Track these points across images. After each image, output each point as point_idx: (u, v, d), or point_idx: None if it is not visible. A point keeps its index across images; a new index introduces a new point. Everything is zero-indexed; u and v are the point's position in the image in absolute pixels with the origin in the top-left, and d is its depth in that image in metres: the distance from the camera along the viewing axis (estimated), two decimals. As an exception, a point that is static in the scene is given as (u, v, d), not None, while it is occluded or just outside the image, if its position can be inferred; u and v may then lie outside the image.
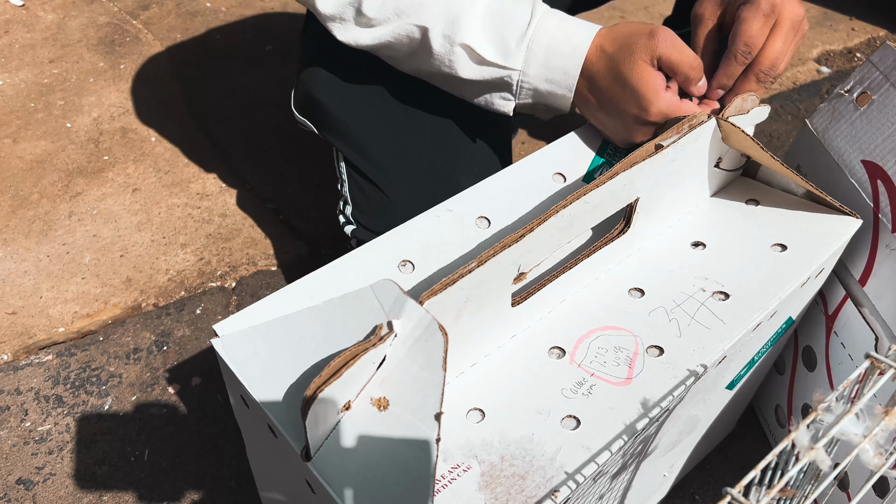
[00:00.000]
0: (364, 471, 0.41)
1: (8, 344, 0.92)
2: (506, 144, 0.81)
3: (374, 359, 0.41)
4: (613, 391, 0.48)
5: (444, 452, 0.44)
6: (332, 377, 0.39)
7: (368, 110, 0.77)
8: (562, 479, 0.43)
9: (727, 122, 0.55)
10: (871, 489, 0.50)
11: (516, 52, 0.62)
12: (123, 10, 1.49)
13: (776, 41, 0.59)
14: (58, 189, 1.12)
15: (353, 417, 0.42)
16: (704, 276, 0.55)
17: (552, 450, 0.44)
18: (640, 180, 0.52)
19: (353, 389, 0.42)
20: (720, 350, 0.50)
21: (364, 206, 0.78)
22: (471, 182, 0.61)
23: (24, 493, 0.79)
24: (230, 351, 0.47)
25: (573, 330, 0.52)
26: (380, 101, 0.77)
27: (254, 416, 0.48)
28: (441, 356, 0.40)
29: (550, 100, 0.64)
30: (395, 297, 0.41)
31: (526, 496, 0.42)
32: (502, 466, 0.43)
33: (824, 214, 0.60)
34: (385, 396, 0.42)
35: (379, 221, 0.77)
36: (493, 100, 0.66)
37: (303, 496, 0.49)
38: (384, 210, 0.77)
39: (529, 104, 0.66)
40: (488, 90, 0.66)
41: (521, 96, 0.65)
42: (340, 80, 0.78)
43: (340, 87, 0.78)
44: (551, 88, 0.63)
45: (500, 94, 0.65)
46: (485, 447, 0.45)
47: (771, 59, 0.59)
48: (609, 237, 0.54)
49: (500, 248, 0.45)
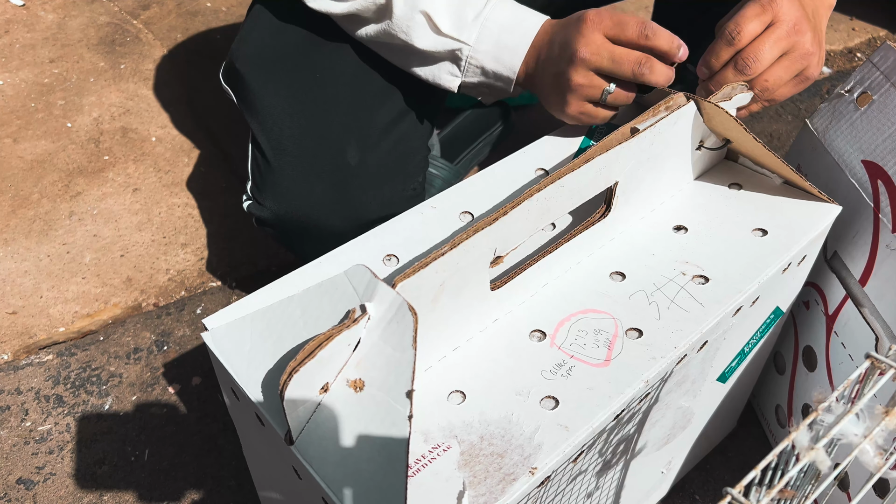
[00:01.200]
0: (344, 451, 0.42)
1: (8, 343, 0.92)
2: (417, 130, 0.80)
3: (348, 340, 0.42)
4: (592, 372, 0.49)
5: (424, 433, 0.45)
6: (306, 359, 0.40)
7: (279, 80, 0.77)
8: (539, 457, 0.44)
9: (710, 104, 0.55)
10: (871, 489, 0.50)
11: (471, 27, 0.64)
12: (124, 10, 1.49)
13: (765, 37, 0.59)
14: (58, 189, 1.13)
15: (332, 400, 0.43)
16: (685, 260, 0.56)
17: (530, 429, 0.45)
18: (618, 164, 0.53)
19: (329, 371, 0.43)
20: (698, 332, 0.51)
21: (257, 178, 0.78)
22: (359, 156, 0.61)
23: (24, 492, 0.79)
24: (219, 344, 0.49)
25: (554, 313, 0.52)
26: (293, 73, 0.76)
27: (244, 407, 0.49)
28: (411, 336, 0.41)
29: (495, 81, 0.66)
30: (367, 282, 0.42)
31: (504, 473, 0.43)
32: (481, 446, 0.44)
33: (805, 201, 0.61)
34: (361, 378, 0.43)
35: (265, 191, 0.76)
36: (441, 75, 0.68)
37: (293, 487, 0.49)
38: (268, 177, 0.76)
39: (474, 84, 0.68)
40: (438, 63, 0.67)
41: (468, 73, 0.67)
42: (263, 52, 0.78)
43: (260, 59, 0.78)
44: (497, 68, 0.65)
45: (449, 69, 0.67)
46: (465, 428, 0.46)
47: (755, 50, 0.59)
48: (590, 221, 0.55)
49: (474, 231, 0.46)
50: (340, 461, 0.42)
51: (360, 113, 0.75)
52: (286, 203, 0.75)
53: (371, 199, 0.75)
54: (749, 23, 0.59)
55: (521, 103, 1.27)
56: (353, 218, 0.74)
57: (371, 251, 0.56)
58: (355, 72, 0.76)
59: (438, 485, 0.42)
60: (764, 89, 0.61)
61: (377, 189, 0.75)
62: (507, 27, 0.64)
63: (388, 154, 0.76)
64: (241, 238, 1.06)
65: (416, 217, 0.58)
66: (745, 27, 0.59)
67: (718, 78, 0.61)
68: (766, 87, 0.61)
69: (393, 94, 0.76)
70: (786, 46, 0.60)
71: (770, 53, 0.59)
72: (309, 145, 0.74)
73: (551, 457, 0.44)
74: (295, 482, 0.47)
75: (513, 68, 0.65)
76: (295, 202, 0.74)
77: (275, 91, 0.76)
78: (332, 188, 0.74)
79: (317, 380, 0.42)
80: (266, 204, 0.76)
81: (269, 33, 0.78)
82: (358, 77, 0.76)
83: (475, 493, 0.42)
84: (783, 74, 0.60)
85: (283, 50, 0.77)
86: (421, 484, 0.42)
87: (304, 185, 0.74)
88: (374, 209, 0.75)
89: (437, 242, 0.56)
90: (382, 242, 0.56)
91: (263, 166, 0.76)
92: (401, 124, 0.77)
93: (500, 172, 0.62)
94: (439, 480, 0.43)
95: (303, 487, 0.46)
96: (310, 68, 0.76)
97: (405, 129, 0.78)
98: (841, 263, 0.66)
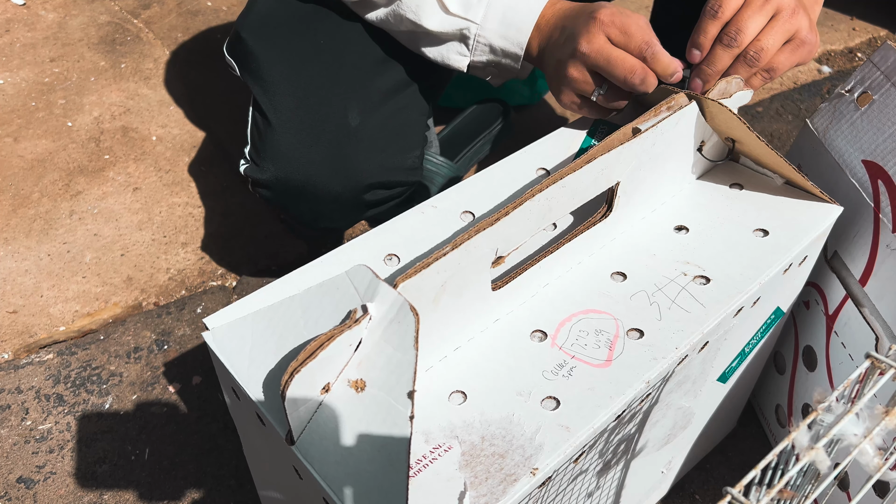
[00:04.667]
0: (345, 452, 0.42)
1: (9, 343, 0.92)
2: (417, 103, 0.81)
3: (349, 341, 0.42)
4: (593, 373, 0.48)
5: (425, 433, 0.45)
6: (307, 359, 0.40)
7: (282, 46, 0.78)
8: (540, 457, 0.44)
9: (714, 102, 0.55)
10: (871, 489, 0.50)
11: (478, 6, 0.66)
12: (124, 10, 1.49)
13: (747, 6, 0.58)
14: (58, 188, 1.13)
15: (333, 401, 0.43)
16: (686, 261, 0.56)
17: (532, 429, 0.45)
18: (619, 164, 0.53)
19: (331, 371, 0.43)
20: (700, 333, 0.51)
21: (256, 140, 0.78)
22: (359, 119, 0.61)
23: (24, 491, 0.79)
24: (220, 343, 0.49)
25: (555, 314, 0.52)
26: (297, 39, 0.77)
27: (245, 407, 0.50)
28: (412, 336, 0.41)
29: (503, 59, 0.68)
30: (368, 282, 0.42)
31: (505, 474, 0.43)
32: (482, 446, 0.45)
33: (806, 201, 0.61)
34: (362, 378, 0.43)
35: (264, 153, 0.76)
36: (450, 55, 0.69)
37: (293, 487, 0.49)
38: (268, 139, 0.76)
39: (483, 63, 0.69)
40: (446, 43, 0.69)
41: (476, 52, 0.68)
42: (268, 20, 0.79)
43: (264, 26, 0.79)
44: (504, 45, 0.67)
45: (458, 47, 0.68)
46: (466, 428, 0.46)
47: (740, 20, 0.59)
48: (591, 221, 0.55)
49: (476, 231, 0.46)
50: (341, 461, 0.42)
51: (361, 78, 0.76)
52: (285, 164, 0.75)
53: (369, 163, 0.75)
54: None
55: (521, 103, 1.27)
56: (351, 181, 0.75)
57: (372, 251, 0.56)
58: (358, 41, 0.77)
59: (439, 485, 0.42)
60: (758, 58, 0.59)
61: (376, 153, 0.75)
62: (511, 5, 0.66)
63: (387, 119, 0.76)
64: (241, 237, 1.06)
65: (416, 216, 0.58)
66: (728, 1, 0.58)
67: (710, 58, 0.60)
68: (760, 56, 0.59)
69: (394, 65, 0.77)
70: (771, 11, 0.59)
71: (756, 21, 0.59)
72: (310, 108, 0.75)
73: (552, 457, 0.44)
74: (296, 482, 0.47)
75: (520, 44, 0.66)
76: (294, 164, 0.75)
77: (278, 56, 0.77)
78: (331, 150, 0.74)
79: (318, 380, 0.42)
80: (264, 166, 0.76)
81: (274, 4, 0.79)
82: (361, 46, 0.77)
83: (476, 494, 0.42)
84: (774, 39, 0.59)
85: (287, 18, 0.78)
86: (422, 484, 0.42)
87: (305, 147, 0.74)
88: (372, 174, 0.75)
89: (439, 242, 0.56)
90: (383, 242, 0.56)
91: (264, 128, 0.76)
92: (401, 94, 0.78)
93: (501, 172, 0.62)
94: (440, 481, 0.43)
95: (304, 487, 0.46)
96: (313, 35, 0.77)
97: (405, 99, 0.79)
98: (841, 263, 0.66)
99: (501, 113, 1.16)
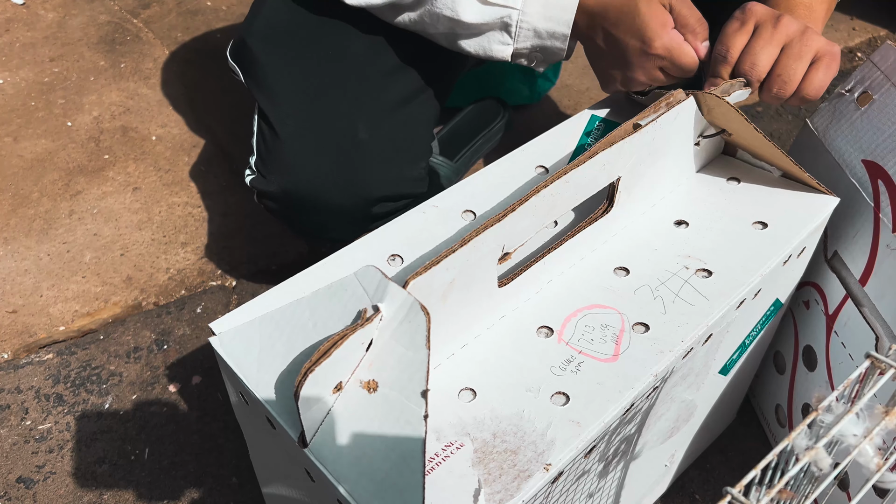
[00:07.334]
0: (359, 453, 0.42)
1: (8, 342, 0.92)
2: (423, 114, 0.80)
3: (361, 340, 0.42)
4: (601, 367, 0.49)
5: (437, 431, 0.45)
6: (321, 358, 0.40)
7: (289, 55, 0.77)
8: (552, 453, 0.44)
9: (711, 96, 0.56)
10: (871, 489, 0.50)
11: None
12: (124, 9, 1.49)
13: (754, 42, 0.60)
14: (58, 188, 1.13)
15: (345, 402, 0.43)
16: (688, 255, 0.56)
17: (543, 425, 0.45)
18: (621, 159, 0.53)
19: (343, 371, 0.43)
20: (704, 325, 0.51)
21: (262, 151, 0.77)
22: (367, 132, 0.60)
23: (24, 491, 0.79)
24: (227, 348, 0.48)
25: (560, 309, 0.53)
26: (304, 48, 0.76)
27: (253, 411, 0.49)
28: (424, 335, 0.41)
29: (549, 41, 0.66)
30: (378, 282, 0.42)
31: (518, 470, 0.43)
32: (494, 443, 0.45)
33: (803, 193, 0.61)
34: (374, 378, 0.43)
35: (270, 165, 0.76)
36: (492, 45, 0.67)
37: (304, 488, 0.49)
38: (274, 150, 0.75)
39: (527, 49, 0.67)
40: (486, 33, 0.67)
41: (520, 38, 0.66)
42: (275, 27, 0.78)
43: (270, 34, 0.78)
44: (549, 27, 0.65)
45: (500, 37, 0.66)
46: (477, 425, 0.46)
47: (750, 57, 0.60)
48: (593, 217, 0.55)
49: (483, 228, 0.46)
50: (355, 462, 0.42)
51: (370, 90, 0.75)
52: (292, 177, 0.74)
53: (377, 176, 0.74)
54: (734, 37, 0.60)
55: (521, 102, 1.27)
56: (357, 195, 0.74)
57: (375, 252, 0.56)
58: (366, 51, 0.76)
59: (453, 482, 0.42)
60: (785, 87, 0.59)
61: (383, 166, 0.75)
62: None
63: (396, 131, 0.76)
64: (241, 237, 1.06)
65: (418, 216, 0.58)
66: (733, 42, 0.60)
67: None
68: (786, 83, 0.59)
69: (402, 75, 0.76)
70: (781, 39, 0.59)
71: (766, 52, 0.59)
72: (318, 120, 0.74)
73: (565, 453, 0.44)
74: (308, 485, 0.47)
75: (567, 22, 0.64)
76: (301, 176, 0.74)
77: (285, 65, 0.76)
78: (338, 163, 0.73)
79: (331, 379, 0.42)
80: (271, 178, 0.75)
81: (280, 10, 0.78)
82: (368, 57, 0.76)
83: (490, 491, 0.42)
84: (795, 65, 0.59)
85: (294, 26, 0.77)
86: (436, 482, 0.42)
87: (311, 159, 0.74)
88: (380, 187, 0.74)
89: (441, 242, 0.56)
90: (385, 243, 0.56)
91: (270, 139, 0.76)
92: (409, 105, 0.77)
93: (501, 170, 0.62)
94: (454, 478, 0.43)
95: (316, 489, 0.46)
96: (321, 45, 0.76)
97: (412, 110, 0.78)
98: (841, 263, 0.66)
99: (500, 112, 1.16)
